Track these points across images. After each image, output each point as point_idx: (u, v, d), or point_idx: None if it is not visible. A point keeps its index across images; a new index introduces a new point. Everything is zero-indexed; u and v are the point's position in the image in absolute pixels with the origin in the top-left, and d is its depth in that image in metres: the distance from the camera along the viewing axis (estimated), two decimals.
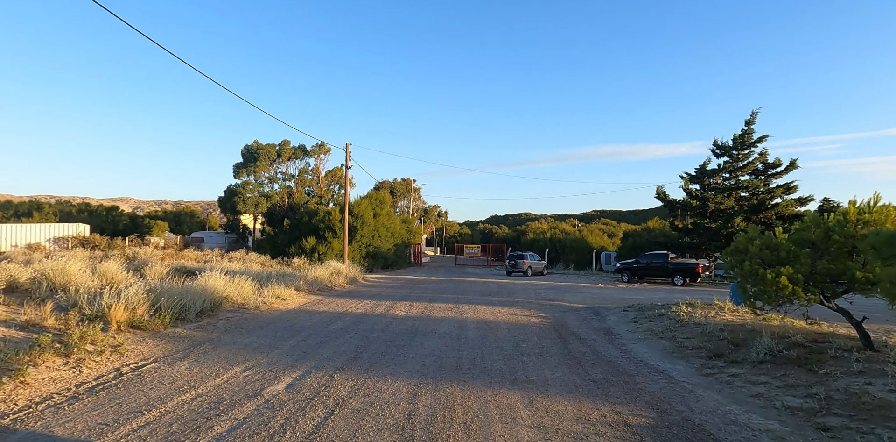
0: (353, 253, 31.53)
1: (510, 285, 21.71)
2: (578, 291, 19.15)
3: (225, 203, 36.30)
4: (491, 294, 17.25)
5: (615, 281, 27.02)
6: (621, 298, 16.98)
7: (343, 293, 16.27)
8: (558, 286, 21.68)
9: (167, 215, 61.50)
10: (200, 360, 6.66)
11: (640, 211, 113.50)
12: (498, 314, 11.86)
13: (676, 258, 24.66)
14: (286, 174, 38.15)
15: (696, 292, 19.19)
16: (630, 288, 21.92)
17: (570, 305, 14.54)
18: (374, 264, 32.76)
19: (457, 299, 15.11)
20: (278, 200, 37.95)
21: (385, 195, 37.90)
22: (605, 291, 20.03)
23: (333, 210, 32.94)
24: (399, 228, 36.52)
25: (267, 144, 37.98)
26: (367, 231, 32.52)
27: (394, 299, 14.72)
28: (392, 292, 17.11)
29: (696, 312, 10.44)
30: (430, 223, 55.58)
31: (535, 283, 23.83)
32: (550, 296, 16.99)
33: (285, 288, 14.30)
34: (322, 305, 12.89)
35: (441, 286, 20.33)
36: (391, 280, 23.74)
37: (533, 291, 19.07)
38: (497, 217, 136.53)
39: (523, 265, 29.42)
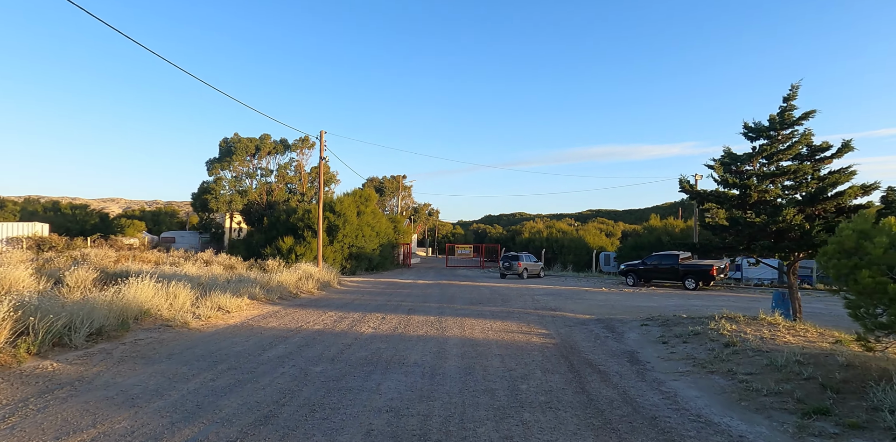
0: (333, 254, 29.12)
1: (504, 290, 19.38)
2: (582, 298, 16.85)
3: (197, 201, 33.74)
4: (482, 302, 14.91)
5: (619, 284, 24.78)
6: (632, 305, 14.70)
7: (308, 302, 13.87)
8: (558, 291, 19.38)
9: (145, 215, 58.71)
10: (18, 426, 4.25)
11: (636, 210, 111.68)
12: (489, 331, 9.51)
13: (687, 259, 22.44)
14: (265, 170, 35.67)
15: (717, 299, 16.93)
16: (637, 293, 19.67)
17: (575, 316, 12.21)
18: (358, 266, 30.34)
19: (441, 310, 12.75)
20: (256, 198, 35.42)
21: (370, 192, 35.50)
22: (611, 296, 17.75)
23: (314, 208, 30.48)
24: (385, 228, 34.13)
25: (245, 138, 35.43)
26: (350, 230, 30.11)
27: (365, 310, 12.33)
28: (367, 300, 14.73)
29: (744, 330, 8.14)
30: (421, 222, 53.17)
31: (531, 287, 21.52)
32: (551, 304, 14.67)
33: (234, 297, 11.89)
34: (273, 320, 10.48)
35: (426, 292, 17.97)
36: (372, 284, 21.36)
37: (530, 297, 16.75)
38: (491, 217, 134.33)
39: (518, 267, 27.13)
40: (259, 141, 35.86)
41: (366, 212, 32.06)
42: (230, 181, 34.39)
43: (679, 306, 14.56)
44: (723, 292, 20.17)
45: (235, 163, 34.18)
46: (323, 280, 18.34)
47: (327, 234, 29.80)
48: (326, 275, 19.22)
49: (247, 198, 34.25)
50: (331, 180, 39.95)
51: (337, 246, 29.48)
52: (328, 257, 28.57)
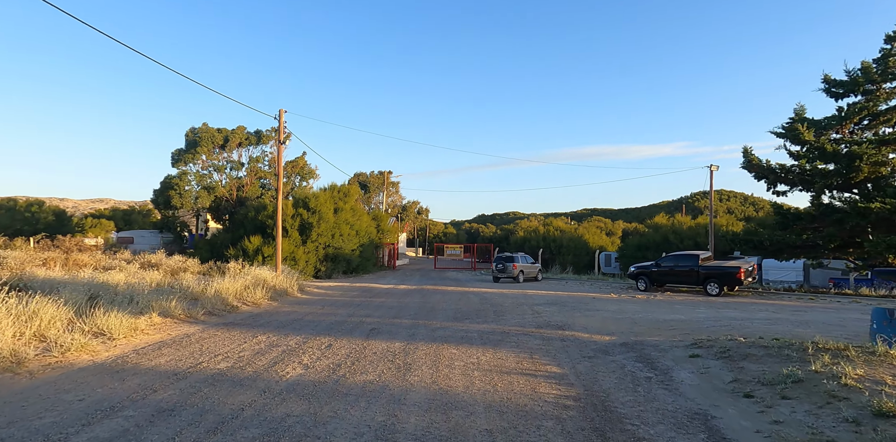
0: (306, 255, 25.96)
1: (497, 298, 16.34)
2: (591, 308, 13.85)
3: (159, 198, 30.48)
4: (469, 316, 11.84)
5: (628, 288, 21.82)
6: (656, 319, 11.72)
7: (244, 318, 10.74)
8: (561, 299, 16.38)
9: (116, 214, 55.23)
10: None
11: (632, 209, 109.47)
12: (474, 372, 6.45)
13: (708, 260, 19.52)
14: (235, 163, 32.36)
15: (753, 308, 13.96)
16: (653, 300, 16.72)
17: (590, 337, 9.19)
18: (335, 269, 27.20)
19: (414, 330, 9.67)
20: (225, 194, 32.18)
21: (352, 188, 32.35)
22: (625, 305, 14.76)
23: (286, 204, 27.31)
24: (367, 226, 31.00)
25: (213, 128, 32.18)
26: (326, 229, 26.95)
27: (313, 331, 9.24)
28: (324, 315, 11.62)
29: (879, 377, 5.14)
30: (409, 221, 50.01)
31: (529, 293, 18.49)
32: (556, 318, 11.63)
33: (135, 315, 8.78)
34: (169, 351, 7.37)
35: (403, 301, 14.90)
36: (343, 291, 18.25)
37: (529, 307, 13.72)
38: (484, 216, 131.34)
39: (513, 269, 24.11)
40: (229, 132, 32.62)
41: (344, 209, 28.93)
42: (196, 175, 31.13)
43: (714, 320, 11.60)
44: (753, 299, 17.24)
45: (201, 155, 30.90)
46: (279, 287, 15.22)
47: (300, 233, 26.65)
48: (285, 281, 16.09)
49: (214, 194, 31.00)
50: (309, 175, 36.79)
51: (310, 246, 26.33)
52: (300, 259, 25.43)
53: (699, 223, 32.70)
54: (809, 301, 16.83)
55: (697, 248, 30.82)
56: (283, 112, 16.41)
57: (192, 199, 29.99)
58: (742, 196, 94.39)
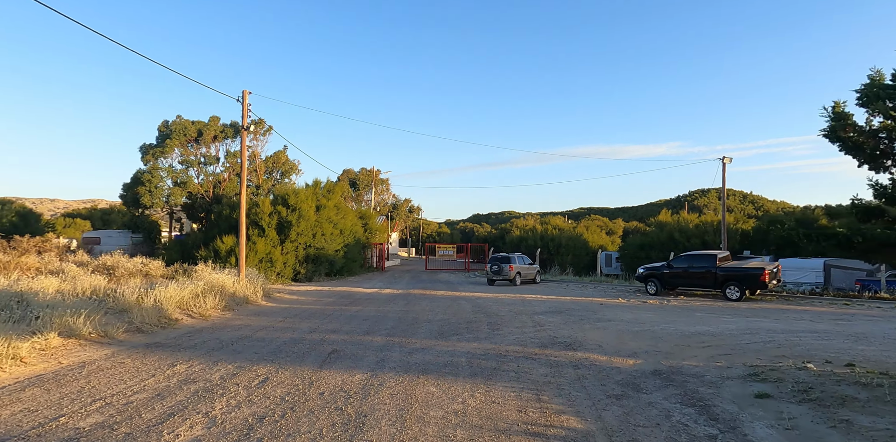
0: (284, 257, 23.87)
1: (492, 305, 14.31)
2: (602, 317, 11.85)
3: (127, 195, 28.25)
4: (457, 330, 9.79)
5: (635, 291, 19.87)
6: (681, 332, 9.74)
7: (175, 338, 8.65)
8: (565, 305, 14.37)
9: (94, 214, 52.82)
10: None
11: (629, 208, 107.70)
12: (456, 430, 4.40)
13: (726, 260, 17.58)
14: (210, 157, 30.14)
15: (788, 317, 11.97)
16: (668, 306, 14.77)
17: (610, 361, 7.17)
18: (316, 271, 25.11)
19: (384, 353, 7.62)
20: (200, 191, 29.98)
21: (337, 185, 30.24)
22: (640, 313, 12.77)
23: (263, 201, 25.21)
24: (353, 225, 28.91)
25: (186, 120, 29.94)
26: (306, 228, 24.85)
27: (252, 357, 7.17)
28: (280, 330, 9.55)
29: None
30: (400, 220, 47.88)
31: (528, 298, 16.48)
32: (563, 332, 9.61)
33: (16, 339, 6.71)
34: (25, 398, 5.28)
35: (383, 310, 12.84)
36: (317, 297, 16.18)
37: (530, 317, 11.70)
38: (479, 216, 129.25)
39: (510, 271, 22.10)
40: (203, 125, 30.40)
41: (327, 206, 26.82)
42: (168, 171, 28.90)
43: (750, 333, 9.64)
44: (779, 304, 15.31)
45: (173, 149, 28.67)
46: (240, 294, 13.11)
47: (278, 232, 24.55)
48: (248, 286, 14.00)
49: (187, 190, 28.79)
50: (291, 170, 34.63)
51: (289, 247, 24.23)
52: (277, 260, 23.34)
53: (706, 221, 30.82)
54: (845, 307, 14.91)
55: (705, 247, 28.96)
56: (246, 93, 14.32)
57: (164, 197, 27.76)
58: (741, 194, 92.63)
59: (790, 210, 55.85)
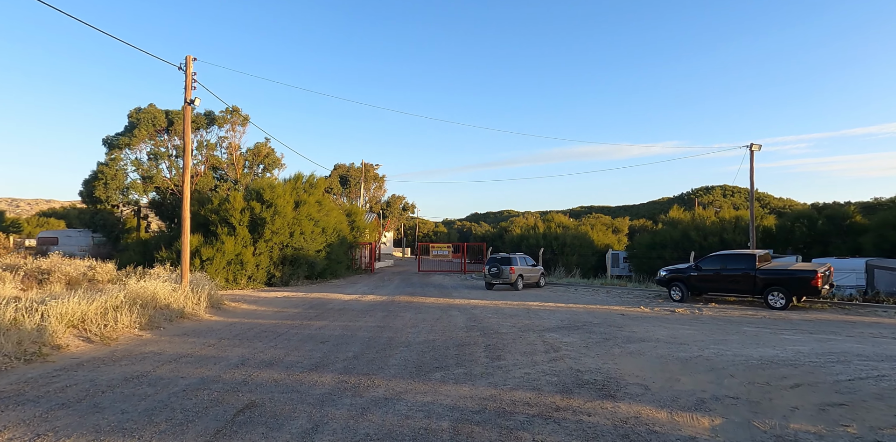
0: (257, 258, 21.23)
1: (492, 318, 11.67)
2: (631, 336, 9.23)
3: (86, 190, 25.60)
4: (444, 362, 7.15)
5: (655, 296, 17.30)
6: (745, 360, 7.13)
7: (20, 384, 6.01)
8: (580, 317, 11.75)
9: (70, 213, 50.00)
10: None
11: (631, 206, 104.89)
12: None
13: (767, 260, 14.99)
14: (180, 148, 27.46)
15: (861, 332, 9.30)
16: (702, 316, 12.19)
17: (676, 425, 4.54)
18: (294, 274, 22.46)
19: (324, 411, 4.96)
20: (170, 186, 27.31)
21: (321, 179, 27.53)
22: (675, 328, 10.16)
23: (234, 196, 22.57)
24: (336, 223, 26.26)
25: (157, 108, 27.23)
26: (282, 226, 22.21)
27: (93, 432, 4.55)
28: (199, 361, 6.91)
29: None
30: (394, 218, 45.17)
31: (533, 307, 13.86)
32: (589, 363, 6.98)
33: None
34: None
35: (352, 326, 10.20)
36: (281, 306, 13.52)
37: (539, 337, 9.07)
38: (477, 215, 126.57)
39: (510, 274, 19.48)
40: (176, 113, 27.71)
41: (308, 202, 24.16)
42: (135, 164, 26.22)
43: (840, 361, 7.08)
44: (839, 315, 12.70)
45: (140, 139, 25.96)
46: (175, 306, 10.46)
47: (250, 230, 21.91)
48: (188, 296, 11.33)
49: (153, 185, 26.11)
50: (274, 165, 31.97)
51: (263, 247, 21.59)
52: (248, 262, 20.71)
53: (724, 217, 28.25)
54: None
55: (723, 245, 26.41)
56: (190, 59, 11.68)
57: (123, 192, 25.07)
58: (746, 191, 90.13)
59: (798, 207, 53.38)
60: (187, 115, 12.01)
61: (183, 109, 11.95)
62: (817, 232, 25.24)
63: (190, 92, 11.83)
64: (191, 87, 11.81)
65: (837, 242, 23.90)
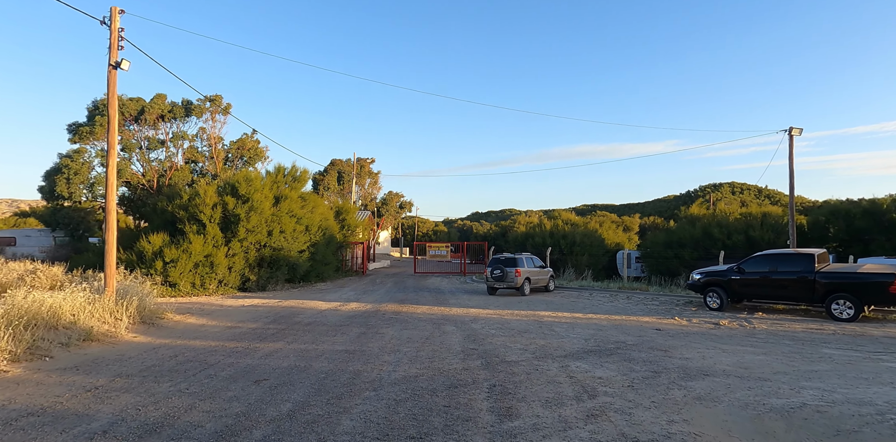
0: (230, 260, 18.81)
1: (496, 338, 9.19)
2: (685, 365, 6.75)
3: (45, 186, 23.24)
4: (424, 423, 4.70)
5: (686, 303, 14.84)
6: (878, 411, 4.60)
7: None
8: (607, 334, 9.27)
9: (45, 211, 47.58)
10: None
11: (635, 204, 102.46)
12: None
13: (825, 262, 12.52)
14: (153, 140, 25.05)
15: None
16: (757, 331, 9.75)
17: None
18: (272, 277, 20.03)
19: None
20: (142, 181, 24.92)
21: (304, 172, 25.06)
22: (738, 350, 7.65)
23: (205, 190, 20.14)
24: (322, 220, 23.81)
25: (125, 97, 24.80)
26: (259, 223, 19.78)
27: None
28: (34, 428, 4.50)
29: None
30: (390, 216, 42.69)
31: (546, 318, 11.39)
32: (644, 420, 4.49)
33: None
34: None
35: (311, 354, 7.74)
36: (237, 321, 11.07)
37: (562, 370, 6.60)
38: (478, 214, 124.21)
39: (516, 277, 17.01)
40: (146, 102, 25.28)
41: (290, 197, 21.73)
42: (99, 155, 23.81)
43: None
44: None
45: (105, 129, 23.51)
46: (83, 324, 8.02)
47: (222, 229, 19.49)
48: (109, 309, 8.89)
49: (122, 179, 23.71)
50: (257, 158, 29.58)
51: (237, 247, 19.14)
52: (219, 264, 18.28)
53: (749, 213, 25.78)
54: None
55: (750, 243, 23.97)
56: (116, 12, 9.26)
57: (89, 187, 22.69)
58: (755, 189, 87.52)
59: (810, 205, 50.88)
60: (112, 83, 9.54)
61: (108, 76, 9.49)
62: (855, 229, 22.78)
63: (116, 52, 9.40)
64: (117, 46, 9.37)
65: (881, 240, 21.45)
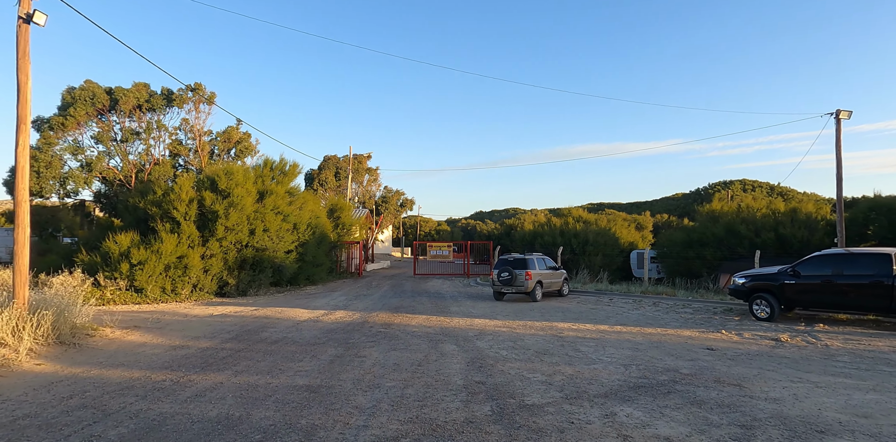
0: (206, 262, 16.88)
1: (508, 361, 7.14)
2: (781, 412, 4.65)
3: (10, 181, 21.41)
4: None
5: (724, 311, 12.80)
6: None
7: None
8: (649, 357, 7.22)
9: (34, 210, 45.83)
10: None
11: (642, 202, 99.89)
12: None
13: None
14: (127, 131, 23.12)
15: None
16: (832, 350, 7.69)
17: None
18: (254, 280, 18.08)
19: None
20: (119, 176, 23.03)
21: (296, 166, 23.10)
22: (831, 383, 5.50)
23: (181, 184, 18.22)
24: (312, 218, 21.86)
25: (97, 85, 22.91)
26: (240, 220, 17.84)
27: None
28: None
29: None
30: (390, 214, 40.71)
31: (565, 331, 9.34)
32: None
33: None
34: None
35: (263, 390, 5.74)
36: (190, 338, 9.09)
37: (607, 420, 4.51)
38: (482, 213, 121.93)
39: (526, 280, 14.97)
40: (123, 91, 23.35)
41: (276, 192, 19.78)
42: (73, 149, 21.93)
43: None
44: None
45: (78, 121, 21.62)
46: None
47: (199, 227, 17.56)
48: (18, 324, 6.94)
49: (95, 174, 21.82)
50: (246, 151, 27.66)
51: (214, 247, 17.20)
52: (193, 267, 16.34)
53: (776, 209, 23.66)
54: None
55: (780, 241, 21.95)
56: None
57: (60, 182, 20.79)
58: (768, 186, 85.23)
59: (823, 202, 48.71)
60: (22, 39, 7.54)
61: (17, 32, 7.48)
62: None
63: (29, 1, 7.44)
64: None
65: None
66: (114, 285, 15.14)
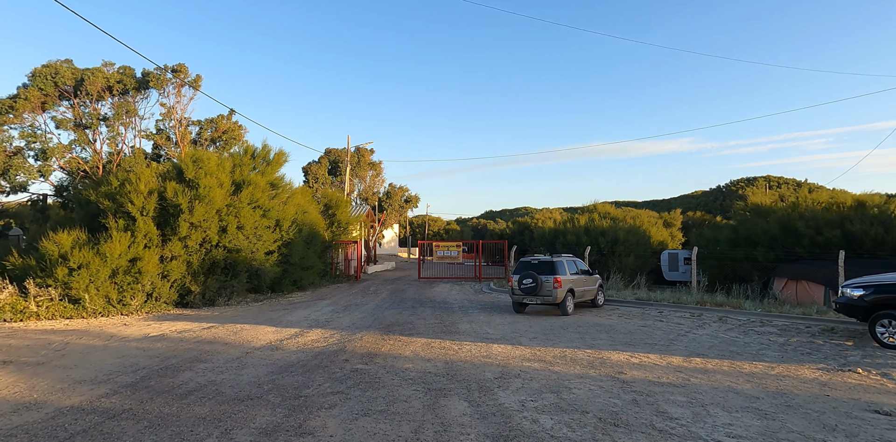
0: (166, 265, 14.03)
1: (552, 440, 4.14)
2: None
3: None
4: None
5: (823, 331, 9.57)
6: None
7: None
8: (779, 421, 4.16)
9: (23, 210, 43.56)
10: None
11: (659, 201, 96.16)
12: None
13: None
14: (93, 118, 20.42)
15: None
16: None
17: None
18: (227, 286, 15.19)
19: None
20: (84, 167, 20.34)
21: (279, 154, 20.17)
22: None
23: (140, 173, 15.44)
24: (299, 213, 18.96)
25: (59, 65, 20.23)
26: (208, 216, 14.97)
27: None
28: None
29: None
30: (394, 212, 37.75)
31: (622, 366, 6.18)
32: None
33: None
34: None
35: None
36: (72, 381, 6.15)
37: None
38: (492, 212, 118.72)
39: (555, 289, 11.87)
40: (89, 72, 20.63)
41: (256, 184, 16.89)
42: (24, 136, 19.25)
43: None
44: None
45: (30, 102, 18.91)
46: None
47: (160, 224, 14.71)
48: None
49: (49, 164, 19.12)
50: (234, 141, 24.88)
51: (177, 248, 14.34)
52: (148, 272, 13.46)
53: (840, 202, 20.32)
54: None
55: (849, 241, 18.66)
56: None
57: (5, 173, 18.10)
58: (794, 182, 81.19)
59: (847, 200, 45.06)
60: None
61: None
62: None
63: None
64: None
65: None
66: (45, 295, 12.32)
